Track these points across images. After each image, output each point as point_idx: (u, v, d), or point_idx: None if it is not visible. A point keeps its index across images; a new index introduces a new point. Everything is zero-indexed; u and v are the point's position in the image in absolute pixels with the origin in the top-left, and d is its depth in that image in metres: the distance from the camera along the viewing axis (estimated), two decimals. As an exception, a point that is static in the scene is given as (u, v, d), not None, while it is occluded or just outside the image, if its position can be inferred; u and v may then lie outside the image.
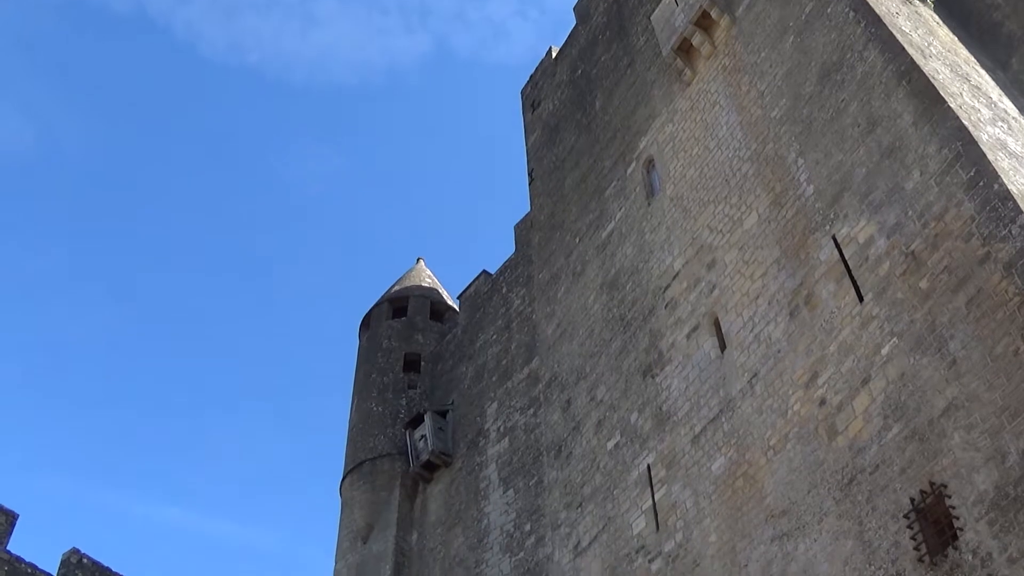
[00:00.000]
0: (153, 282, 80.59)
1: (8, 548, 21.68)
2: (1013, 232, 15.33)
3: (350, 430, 34.19)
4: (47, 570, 22.23)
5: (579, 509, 24.39)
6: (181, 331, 79.50)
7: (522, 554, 26.11)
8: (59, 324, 75.50)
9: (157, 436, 76.34)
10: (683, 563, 20.26)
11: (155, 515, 73.43)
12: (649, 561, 21.28)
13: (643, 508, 22.16)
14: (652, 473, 22.29)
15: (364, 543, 31.12)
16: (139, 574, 59.39)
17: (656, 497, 21.86)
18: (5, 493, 56.74)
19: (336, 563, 31.77)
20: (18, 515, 22.13)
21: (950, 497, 14.90)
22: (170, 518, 72.49)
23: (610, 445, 24.23)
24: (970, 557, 14.34)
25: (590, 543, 23.48)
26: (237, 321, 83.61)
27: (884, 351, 17.16)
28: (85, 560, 23.15)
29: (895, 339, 17.01)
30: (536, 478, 26.94)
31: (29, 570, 21.75)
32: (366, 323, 37.81)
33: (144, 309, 79.95)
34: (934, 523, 15.12)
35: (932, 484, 15.28)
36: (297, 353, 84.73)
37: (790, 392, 19.08)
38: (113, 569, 23.42)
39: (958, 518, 14.66)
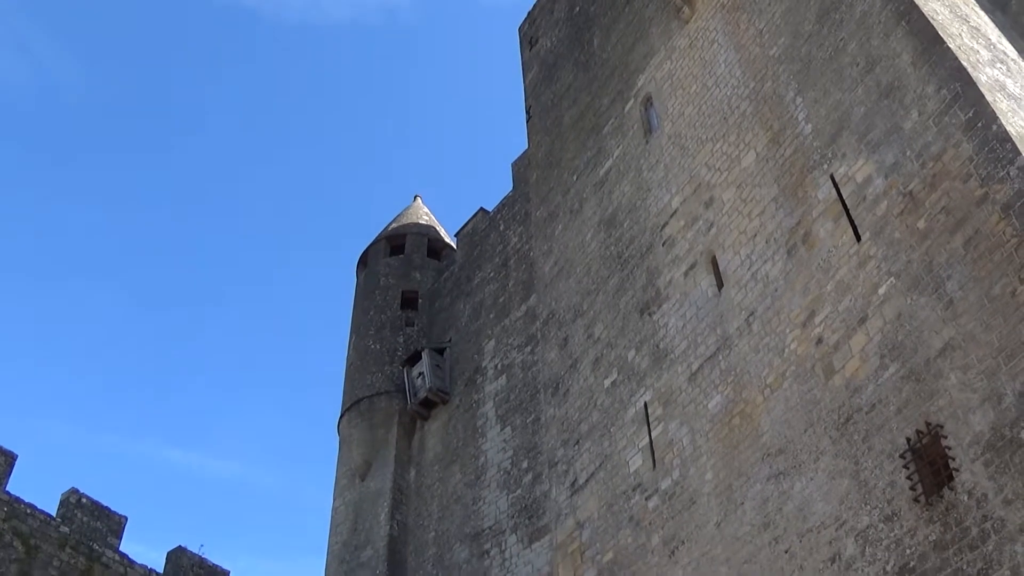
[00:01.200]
0: (150, 221, 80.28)
1: (7, 489, 21.84)
2: (1011, 173, 15.30)
3: (348, 368, 34.27)
4: (46, 510, 22.45)
5: (576, 446, 24.54)
6: (179, 275, 79.36)
7: (519, 491, 26.29)
8: (55, 265, 75.22)
9: (155, 379, 76.48)
10: (679, 501, 20.42)
11: (153, 456, 73.84)
12: (646, 499, 21.44)
13: (640, 446, 22.29)
14: (649, 411, 22.40)
15: (362, 481, 31.30)
16: (138, 514, 59.77)
17: (653, 435, 21.98)
18: (3, 435, 56.97)
19: (334, 500, 31.99)
20: (17, 455, 22.29)
21: (946, 438, 14.99)
22: (168, 459, 72.95)
23: (607, 383, 24.33)
24: (965, 498, 14.45)
25: (587, 480, 23.64)
26: (234, 261, 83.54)
27: (881, 291, 17.18)
28: (84, 500, 23.33)
29: (892, 279, 17.03)
30: (533, 416, 27.07)
31: (28, 510, 21.92)
32: (363, 261, 37.78)
33: (143, 249, 79.75)
34: (930, 463, 15.21)
35: (928, 424, 15.37)
36: (295, 292, 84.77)
37: (787, 331, 19.13)
38: (112, 508, 23.68)
39: (954, 459, 14.75)
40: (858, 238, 18.08)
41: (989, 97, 16.49)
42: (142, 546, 74.78)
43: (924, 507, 15.00)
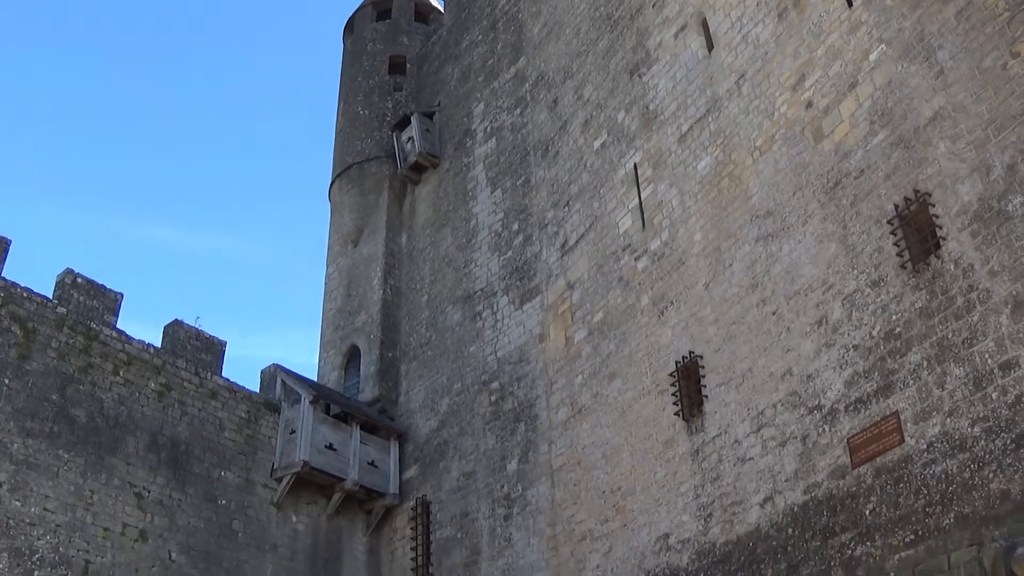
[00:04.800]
0: (141, 7, 77.37)
1: (3, 275, 21.95)
2: (1008, -57, 14.82)
3: (337, 135, 33.94)
4: (43, 293, 22.66)
5: (566, 208, 24.65)
6: (164, 41, 77.16)
7: (510, 253, 26.48)
8: (46, 52, 73.18)
9: (144, 158, 75.18)
10: (669, 261, 20.66)
11: (146, 235, 73.20)
12: (635, 259, 21.67)
13: (629, 207, 22.39)
14: (638, 172, 22.41)
15: (354, 247, 31.44)
16: (134, 294, 60.11)
17: (642, 196, 22.05)
18: (-4, 221, 56.72)
19: (328, 267, 32.21)
20: (11, 241, 22.31)
21: (934, 206, 15.06)
22: (161, 237, 72.30)
23: (597, 144, 24.24)
24: (952, 267, 14.61)
25: (577, 241, 23.85)
26: (219, 28, 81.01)
27: (872, 57, 16.93)
28: (80, 279, 23.49)
29: (883, 46, 16.75)
30: (523, 178, 27.01)
31: (25, 294, 22.09)
32: (350, 27, 36.86)
33: (131, 36, 77.15)
34: (917, 231, 15.34)
35: (916, 192, 15.41)
36: (281, 60, 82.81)
37: (777, 94, 18.95)
38: (108, 286, 23.88)
39: (941, 227, 14.86)
40: (850, 3, 17.71)
41: None
42: (139, 324, 75.59)
43: (911, 274, 15.20)
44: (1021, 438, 12.88)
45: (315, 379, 29.19)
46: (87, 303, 23.37)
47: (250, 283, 78.51)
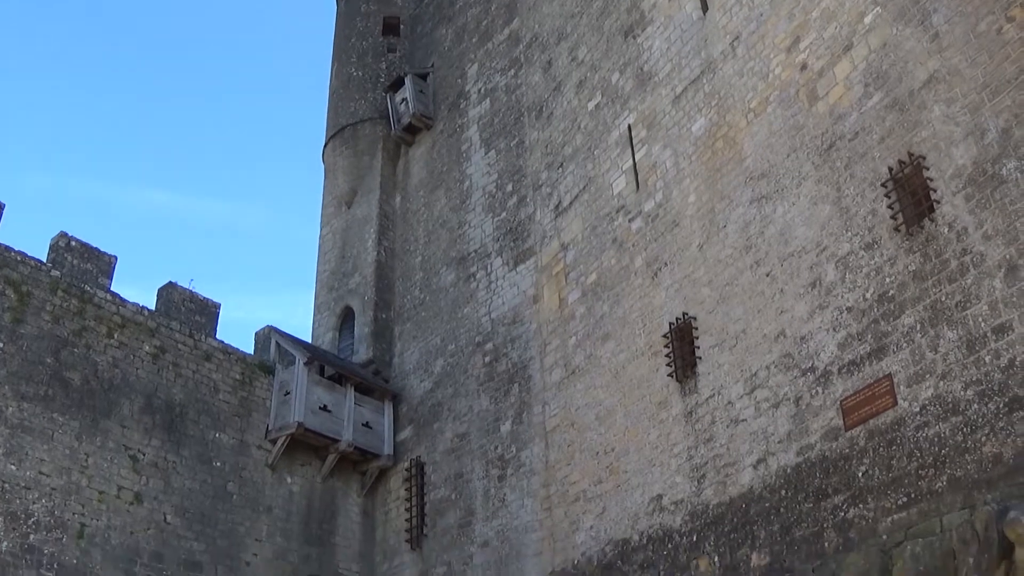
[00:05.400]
0: None
1: (-3, 239, 21.94)
2: (1005, -98, 14.72)
3: (331, 96, 33.74)
4: (36, 256, 22.62)
5: (560, 169, 24.60)
6: (159, 19, 76.44)
7: (504, 214, 26.45)
8: (37, 15, 72.46)
9: (138, 122, 74.67)
10: (662, 222, 20.64)
11: (139, 199, 72.88)
12: (629, 220, 21.66)
13: (623, 168, 22.35)
14: (633, 133, 22.36)
15: (348, 208, 31.36)
16: (127, 258, 59.97)
17: (636, 157, 22.01)
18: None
19: (321, 229, 32.12)
20: (4, 204, 22.21)
21: (928, 169, 15.05)
22: (155, 201, 72.05)
23: (591, 105, 24.15)
24: (946, 230, 14.62)
25: (571, 202, 23.82)
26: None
27: (867, 19, 16.87)
28: (74, 243, 23.42)
29: (878, 8, 16.69)
30: (517, 139, 26.93)
31: (19, 258, 22.03)
32: (343, -13, 36.64)
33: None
34: (911, 193, 15.32)
35: (911, 155, 15.39)
36: (275, 21, 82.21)
37: (772, 56, 18.88)
38: (102, 249, 23.84)
39: (935, 190, 14.85)
40: (845, -35, 17.59)
41: None
42: (133, 288, 75.60)
43: (904, 236, 15.20)
44: (1014, 402, 12.93)
45: (309, 341, 29.22)
46: (81, 266, 23.32)
47: (244, 246, 78.47)
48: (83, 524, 20.93)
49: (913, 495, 13.87)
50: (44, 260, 22.75)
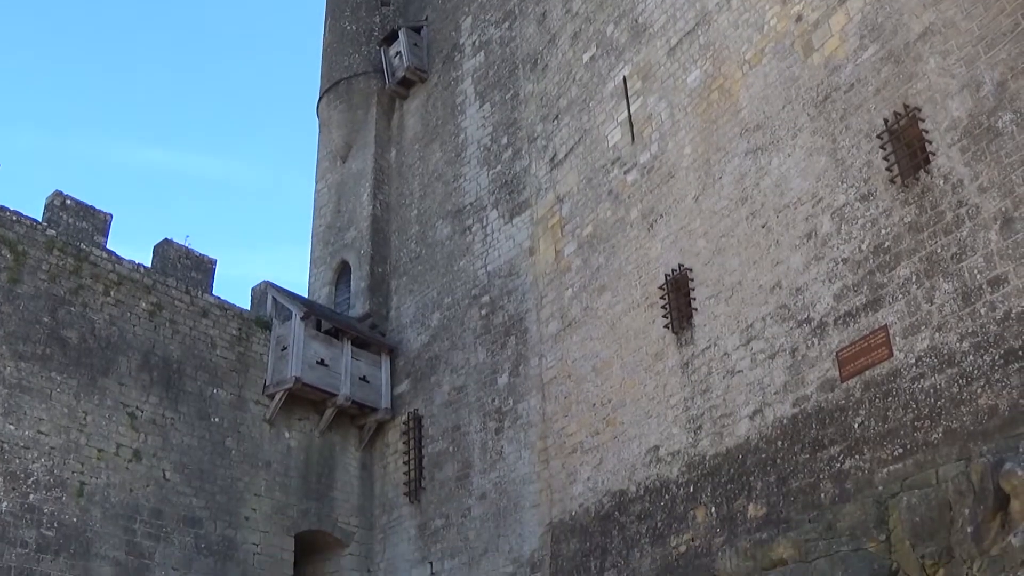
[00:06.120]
0: None
1: (-9, 200, 21.84)
2: None
3: (324, 50, 33.47)
4: (32, 216, 22.55)
5: (555, 121, 24.52)
6: None
7: (499, 167, 26.38)
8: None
9: (131, 79, 73.94)
10: (658, 174, 20.61)
11: (134, 157, 72.28)
12: (624, 172, 21.62)
13: (619, 120, 22.28)
14: (628, 85, 22.27)
15: (343, 163, 31.25)
16: (123, 217, 59.71)
17: (632, 109, 21.94)
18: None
19: (316, 184, 32.02)
20: (-1, 164, 22.16)
21: (923, 121, 15.01)
22: (150, 159, 71.47)
23: (586, 57, 24.03)
24: (941, 182, 14.60)
25: (566, 155, 23.77)
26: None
27: (863, -30, 16.76)
28: (68, 201, 23.34)
29: (874, -42, 16.57)
30: (512, 91, 26.81)
31: (14, 217, 21.96)
32: (336, -60, 36.29)
33: None
34: (907, 145, 15.29)
35: (906, 107, 15.34)
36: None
37: (767, 7, 18.77)
38: (97, 207, 23.76)
39: (931, 142, 14.82)
40: (841, -86, 17.44)
41: None
42: (129, 246, 75.18)
43: (900, 188, 15.19)
44: (1010, 354, 12.98)
45: (306, 296, 29.22)
46: (76, 225, 23.25)
47: (239, 203, 78.15)
48: (82, 482, 21.01)
49: (909, 446, 13.94)
50: (39, 219, 22.65)
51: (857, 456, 14.70)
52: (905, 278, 14.77)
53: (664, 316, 19.39)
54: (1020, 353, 12.86)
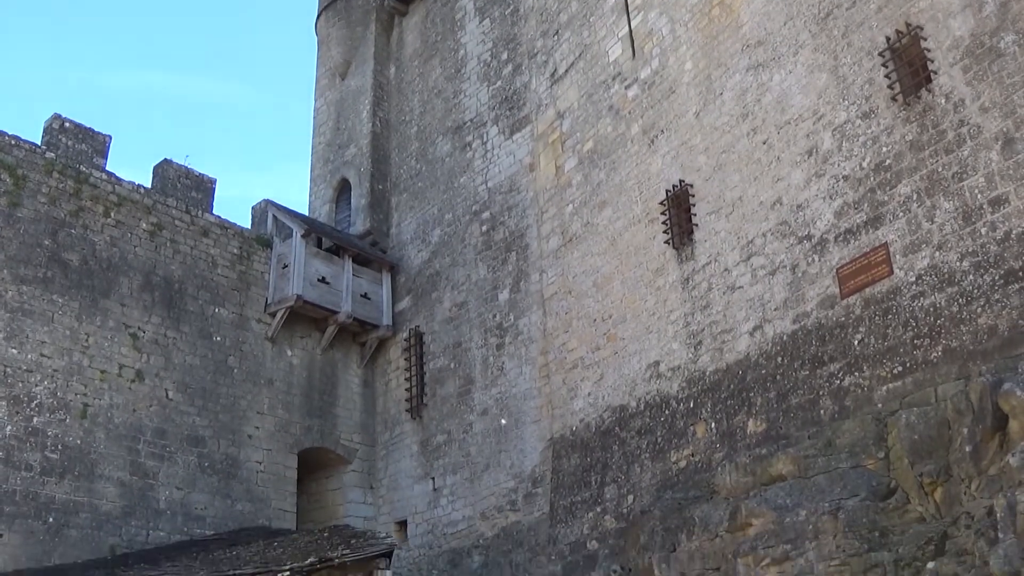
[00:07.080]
0: None
1: (-14, 125, 21.69)
2: None
3: (322, -34, 33.15)
4: (31, 140, 22.44)
5: (555, 37, 24.28)
6: None
7: (499, 83, 26.21)
8: None
9: (127, 2, 72.78)
10: (659, 90, 20.48)
11: (131, 80, 71.50)
12: (625, 88, 21.48)
13: (619, 35, 22.07)
14: (628, 0, 22.01)
15: (342, 80, 31.02)
16: (122, 140, 59.30)
17: (632, 24, 21.71)
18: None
19: (316, 101, 31.82)
20: (-6, 90, 22.00)
21: (925, 40, 14.85)
22: (147, 82, 70.70)
23: (585, -30, 23.72)
24: (943, 101, 14.50)
25: (567, 70, 23.58)
26: None
27: None
28: (67, 124, 23.20)
29: None
30: (512, 7, 26.50)
31: (13, 141, 21.84)
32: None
33: None
34: (908, 64, 15.16)
35: (908, 25, 15.18)
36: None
37: (769, -81, 18.47)
38: (96, 129, 23.61)
39: (932, 61, 14.69)
40: None
41: None
42: (128, 168, 74.76)
43: (901, 106, 15.09)
44: (1009, 274, 12.99)
45: (306, 214, 29.19)
46: (76, 147, 23.14)
47: (238, 123, 77.61)
48: (86, 404, 21.18)
49: (908, 364, 14.02)
50: (38, 143, 22.57)
51: (857, 373, 14.79)
52: (906, 196, 14.73)
53: (665, 232, 19.39)
54: (1020, 274, 12.88)
